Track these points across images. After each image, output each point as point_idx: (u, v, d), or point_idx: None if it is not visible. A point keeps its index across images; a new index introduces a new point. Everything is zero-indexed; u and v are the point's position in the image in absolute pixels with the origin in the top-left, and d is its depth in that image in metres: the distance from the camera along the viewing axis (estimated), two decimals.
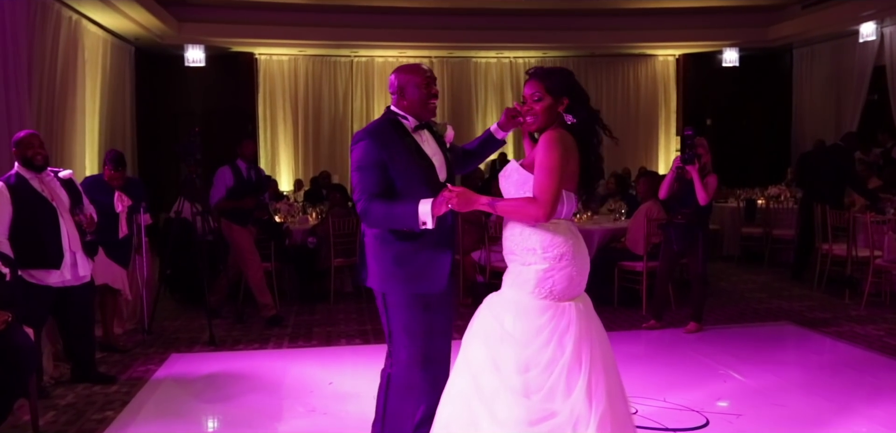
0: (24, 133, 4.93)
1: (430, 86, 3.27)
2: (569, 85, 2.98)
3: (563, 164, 2.82)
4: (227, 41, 12.71)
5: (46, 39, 8.52)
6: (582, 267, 2.91)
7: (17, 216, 4.62)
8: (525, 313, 2.81)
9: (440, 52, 14.06)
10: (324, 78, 13.87)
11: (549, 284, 2.82)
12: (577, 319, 2.81)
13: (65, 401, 4.78)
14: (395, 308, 3.24)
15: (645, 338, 6.28)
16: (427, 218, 3.02)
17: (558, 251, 2.84)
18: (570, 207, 2.94)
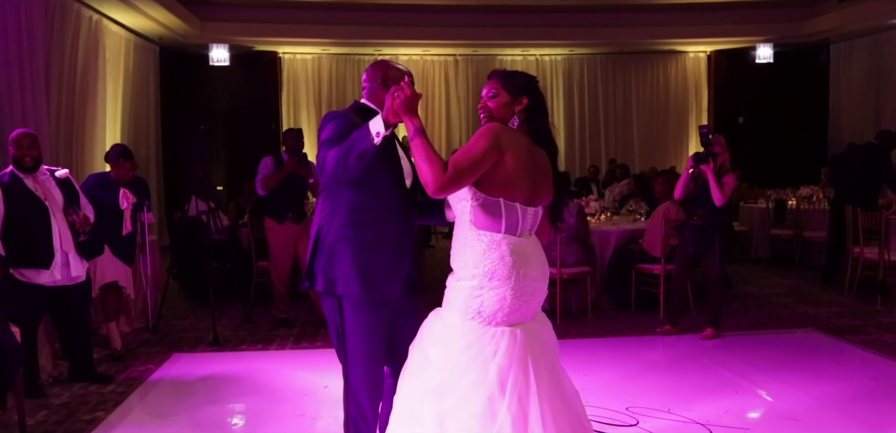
0: (16, 132, 4.92)
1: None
2: (531, 88, 2.77)
3: (486, 152, 2.55)
4: (250, 40, 12.74)
5: (65, 40, 8.58)
6: (523, 291, 2.58)
7: (9, 215, 4.61)
8: (449, 334, 2.59)
9: (464, 49, 13.93)
10: (347, 76, 13.83)
11: (477, 304, 2.57)
12: (508, 347, 2.51)
13: (59, 400, 4.75)
14: (353, 317, 3.01)
15: (658, 344, 6.04)
16: (379, 126, 2.78)
17: (489, 267, 2.57)
18: (515, 222, 2.63)
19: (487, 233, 2.61)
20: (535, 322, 2.68)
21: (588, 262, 7.05)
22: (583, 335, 6.37)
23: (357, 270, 2.97)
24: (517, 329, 2.56)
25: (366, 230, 2.98)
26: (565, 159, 14.24)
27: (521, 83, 2.77)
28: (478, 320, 2.56)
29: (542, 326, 2.72)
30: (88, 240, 4.91)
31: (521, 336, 2.56)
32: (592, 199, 8.16)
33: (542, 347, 2.64)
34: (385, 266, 3.00)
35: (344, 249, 2.99)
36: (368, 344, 3.03)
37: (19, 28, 7.26)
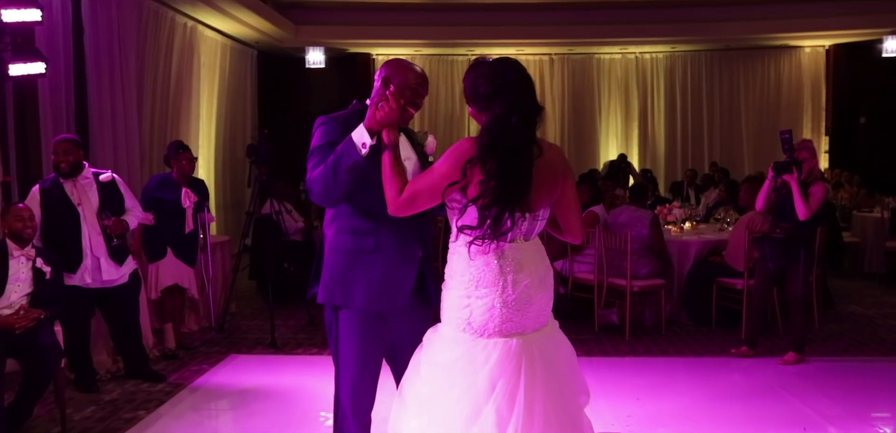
0: (57, 138, 5.11)
1: (418, 95, 2.88)
2: (476, 94, 2.48)
3: (445, 175, 2.42)
4: (344, 42, 12.91)
5: (159, 46, 8.97)
6: (513, 304, 2.42)
7: (44, 219, 4.79)
8: (439, 346, 2.48)
9: (560, 49, 13.53)
10: (440, 77, 13.77)
11: (466, 315, 2.44)
12: (499, 358, 2.37)
13: (109, 396, 4.91)
14: (348, 329, 2.85)
15: (730, 367, 5.54)
16: (364, 137, 2.62)
17: (476, 276, 2.43)
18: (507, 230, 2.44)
19: (475, 241, 2.43)
20: (538, 333, 2.48)
21: (663, 274, 6.61)
22: (651, 353, 5.96)
23: (352, 281, 2.83)
24: (513, 340, 2.40)
25: (363, 238, 2.83)
26: (665, 162, 13.58)
27: (471, 87, 2.51)
28: (469, 332, 2.43)
29: (550, 339, 2.52)
30: (122, 245, 4.98)
31: (516, 347, 2.40)
32: (676, 205, 7.65)
33: (544, 361, 2.44)
34: (384, 276, 2.82)
35: (339, 259, 2.85)
36: (360, 358, 2.86)
37: (111, 35, 7.61)
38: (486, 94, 2.44)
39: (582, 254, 6.79)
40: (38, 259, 4.40)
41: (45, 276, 4.38)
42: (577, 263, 6.82)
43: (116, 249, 4.95)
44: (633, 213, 6.58)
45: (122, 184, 5.20)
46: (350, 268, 2.83)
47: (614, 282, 6.44)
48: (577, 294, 6.86)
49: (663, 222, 7.53)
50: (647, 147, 13.61)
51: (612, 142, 13.68)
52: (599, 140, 13.70)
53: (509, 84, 2.45)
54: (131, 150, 7.81)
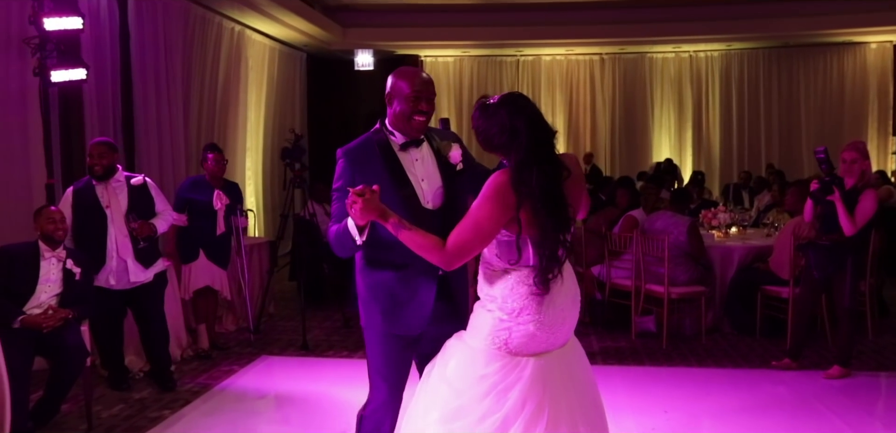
0: (92, 141, 5.22)
1: (419, 100, 2.82)
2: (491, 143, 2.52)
3: (493, 218, 2.43)
4: (392, 44, 12.96)
5: (206, 51, 9.15)
6: (549, 324, 2.46)
7: (75, 220, 4.91)
8: (471, 360, 2.49)
9: (611, 48, 13.28)
10: (489, 78, 13.68)
11: (505, 337, 2.47)
12: (530, 376, 2.43)
13: (139, 395, 5.01)
14: (372, 345, 2.92)
15: (769, 379, 5.29)
16: (354, 232, 2.62)
17: (518, 305, 2.46)
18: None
19: (513, 266, 2.48)
20: (565, 348, 2.54)
21: (703, 281, 6.38)
22: (687, 362, 5.75)
23: (376, 301, 2.87)
24: (543, 358, 2.46)
25: (384, 259, 2.83)
26: (720, 164, 13.18)
27: (484, 133, 2.53)
28: (504, 350, 2.47)
29: (574, 352, 2.59)
30: (149, 248, 5.02)
31: (547, 367, 2.46)
32: (721, 210, 7.37)
33: (570, 375, 2.52)
34: (402, 301, 2.83)
35: (365, 279, 2.90)
36: (388, 376, 2.90)
37: (156, 41, 7.80)
38: (503, 143, 2.48)
39: (620, 259, 6.61)
40: (69, 260, 4.52)
41: (75, 277, 4.50)
42: (614, 269, 6.65)
43: (143, 252, 5.01)
44: (671, 218, 6.37)
45: (153, 187, 5.27)
46: (371, 291, 2.87)
47: (651, 289, 6.25)
48: (614, 300, 6.69)
49: (707, 227, 7.29)
50: (701, 148, 13.23)
51: (664, 143, 13.35)
52: (651, 141, 13.39)
53: (527, 123, 2.46)
54: (177, 154, 7.99)
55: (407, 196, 2.82)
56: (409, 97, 2.81)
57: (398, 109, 2.84)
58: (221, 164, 6.05)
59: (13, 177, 5.79)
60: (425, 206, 2.83)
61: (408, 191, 2.84)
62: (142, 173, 5.43)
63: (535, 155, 2.42)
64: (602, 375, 5.39)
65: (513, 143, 2.44)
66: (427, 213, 2.82)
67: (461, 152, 2.95)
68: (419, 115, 2.83)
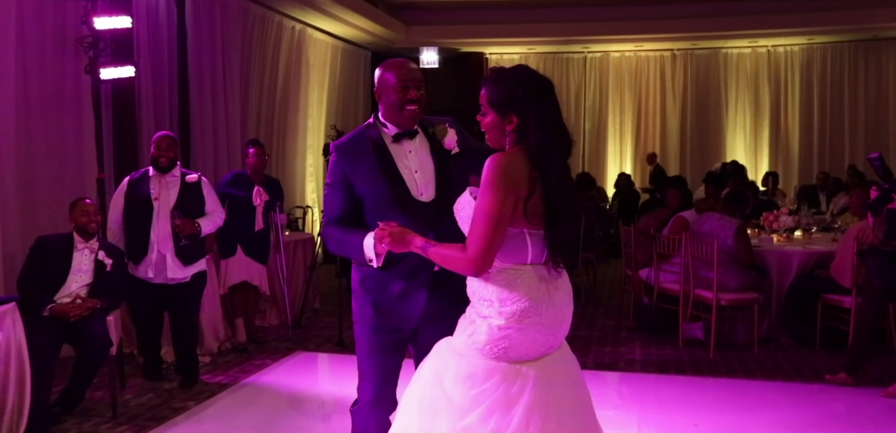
0: (158, 134, 5.33)
1: (408, 90, 2.75)
2: (513, 98, 2.30)
3: (503, 202, 2.22)
4: (456, 42, 12.89)
5: (266, 49, 9.33)
6: (549, 325, 2.29)
7: (125, 209, 5.05)
8: (470, 375, 2.28)
9: (682, 43, 12.80)
10: (555, 75, 13.38)
11: (505, 345, 2.26)
12: (533, 386, 2.24)
13: (170, 385, 5.10)
14: (360, 341, 2.86)
15: (827, 396, 4.90)
16: (371, 253, 2.63)
17: (517, 307, 2.26)
18: (541, 250, 2.31)
19: (512, 265, 2.30)
20: (561, 349, 2.40)
21: (756, 288, 6.00)
22: (734, 373, 5.42)
23: (366, 297, 2.82)
24: (543, 362, 2.31)
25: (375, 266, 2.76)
26: (799, 164, 12.50)
27: (507, 94, 2.31)
28: (504, 360, 2.27)
29: (566, 353, 2.43)
30: (190, 246, 5.05)
31: (547, 370, 2.31)
32: (783, 212, 6.93)
33: (567, 375, 2.38)
34: (393, 299, 2.77)
35: (356, 274, 2.86)
36: (372, 375, 2.84)
37: (213, 40, 8.00)
38: (524, 96, 2.28)
39: (668, 262, 6.31)
40: (101, 252, 4.65)
41: (106, 268, 4.62)
42: (663, 273, 6.35)
43: (184, 249, 5.03)
44: (719, 220, 6.03)
45: (207, 187, 5.27)
46: (363, 285, 2.82)
47: (700, 295, 5.93)
48: (662, 305, 6.39)
49: (768, 230, 6.88)
50: (778, 148, 12.58)
51: (738, 143, 12.77)
52: (725, 140, 12.84)
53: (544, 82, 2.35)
54: (232, 152, 8.16)
55: (398, 190, 2.77)
56: (396, 87, 2.76)
57: (388, 101, 2.80)
58: (262, 159, 6.09)
59: (67, 171, 6.03)
60: (418, 198, 2.77)
61: (399, 185, 2.78)
62: (198, 171, 5.51)
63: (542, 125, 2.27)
64: (637, 384, 5.22)
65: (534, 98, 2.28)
66: (421, 205, 2.77)
67: (456, 137, 2.87)
68: (410, 104, 2.77)
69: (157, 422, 4.43)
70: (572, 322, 2.41)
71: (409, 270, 2.73)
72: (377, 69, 2.87)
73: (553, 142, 2.28)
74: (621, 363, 5.67)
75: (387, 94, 2.79)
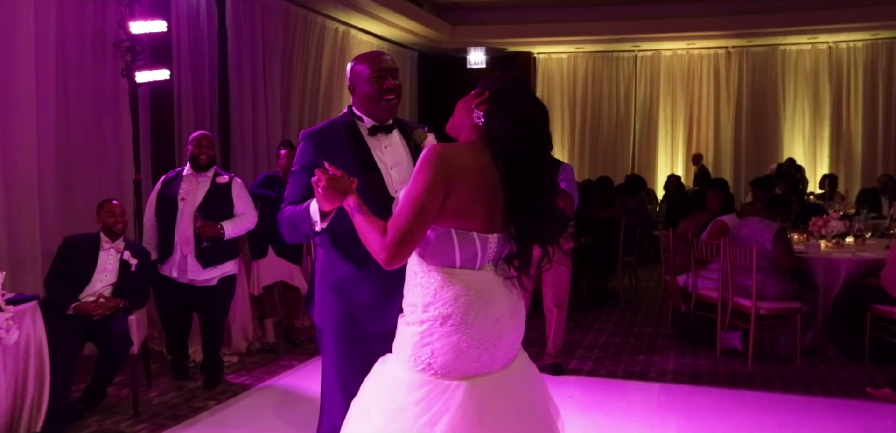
0: (197, 133, 5.38)
1: (383, 79, 2.70)
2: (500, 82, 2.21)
3: (429, 192, 2.06)
4: (503, 42, 12.77)
5: (309, 51, 9.41)
6: (479, 339, 2.10)
7: (157, 207, 5.14)
8: (392, 390, 2.15)
9: (737, 41, 12.38)
10: (604, 75, 13.19)
11: (427, 354, 2.11)
12: (460, 404, 2.05)
13: (194, 384, 5.16)
14: (329, 351, 2.75)
15: (867, 413, 4.62)
16: (316, 216, 2.48)
17: (442, 311, 2.10)
18: (473, 255, 2.13)
19: (441, 267, 2.14)
20: (506, 371, 2.18)
21: (800, 296, 5.71)
22: (772, 386, 5.16)
23: (334, 302, 2.72)
24: (477, 382, 2.10)
25: (345, 257, 2.70)
26: (862, 166, 11.94)
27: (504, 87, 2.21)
28: (429, 373, 2.11)
29: (519, 375, 2.21)
30: (211, 249, 5.02)
31: (481, 393, 2.09)
32: (834, 216, 6.59)
33: (511, 404, 2.15)
34: (367, 299, 2.66)
35: (325, 279, 2.76)
36: (343, 382, 2.71)
37: (254, 42, 8.10)
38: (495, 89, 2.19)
39: (707, 268, 6.07)
40: (126, 252, 4.72)
41: (130, 268, 4.70)
42: (701, 279, 6.11)
43: (204, 252, 5.02)
44: (758, 224, 5.76)
45: (239, 189, 5.21)
46: (330, 291, 2.73)
47: (739, 303, 5.68)
48: (700, 313, 6.15)
49: (816, 235, 6.56)
50: (839, 149, 12.04)
51: (796, 143, 12.27)
52: (782, 141, 12.37)
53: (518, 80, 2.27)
54: (272, 154, 8.21)
55: (373, 181, 2.69)
56: (371, 78, 2.71)
57: (364, 93, 2.74)
58: (292, 158, 6.10)
59: (106, 172, 6.19)
60: (393, 194, 2.68)
61: (374, 175, 2.70)
62: (232, 173, 5.50)
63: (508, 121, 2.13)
64: (664, 395, 5.02)
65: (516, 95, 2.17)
66: (394, 202, 2.65)
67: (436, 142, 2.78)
68: (387, 95, 2.72)
69: (176, 421, 4.48)
70: (609, 328, 2.24)
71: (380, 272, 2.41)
72: (349, 64, 2.82)
73: (518, 138, 2.12)
74: (653, 373, 5.48)
75: (361, 86, 2.74)
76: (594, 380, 5.31)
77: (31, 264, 5.41)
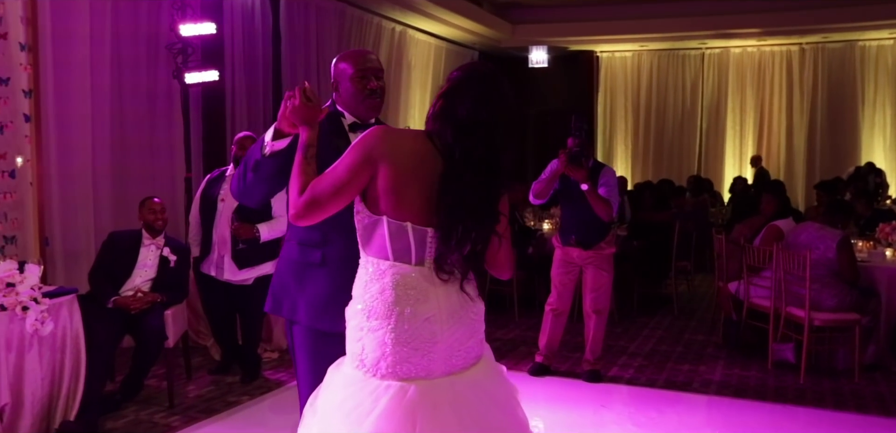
0: (241, 133, 5.49)
1: (367, 79, 2.63)
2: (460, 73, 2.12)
3: (352, 168, 2.04)
4: (564, 40, 12.56)
5: None
6: (412, 335, 2.01)
7: (200, 206, 5.26)
8: (331, 382, 2.12)
9: (812, 37, 11.82)
10: (669, 74, 12.81)
11: (359, 349, 2.04)
12: (387, 406, 1.97)
13: (232, 379, 5.25)
14: (300, 345, 2.66)
15: None
16: (268, 135, 2.43)
17: (368, 304, 2.05)
18: (406, 248, 2.05)
19: (374, 259, 2.08)
20: (455, 378, 2.07)
21: (859, 308, 5.38)
22: (822, 402, 4.87)
23: (301, 295, 2.65)
24: (411, 385, 2.00)
25: (311, 250, 2.63)
26: None
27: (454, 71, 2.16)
28: (362, 369, 2.06)
29: (472, 387, 2.08)
30: (247, 250, 5.06)
31: (413, 395, 1.99)
32: None
33: (456, 413, 2.03)
34: (328, 293, 2.57)
35: (286, 269, 2.70)
36: (313, 377, 2.62)
37: (308, 41, 8.23)
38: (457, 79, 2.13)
39: (759, 275, 5.79)
40: (166, 248, 4.86)
41: (169, 264, 4.83)
42: (753, 287, 5.84)
43: (240, 253, 5.08)
44: (818, 231, 5.45)
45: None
46: (296, 281, 2.65)
47: (792, 312, 5.40)
48: (752, 322, 5.88)
49: (884, 243, 6.16)
50: None
51: (876, 145, 11.62)
52: (860, 142, 11.73)
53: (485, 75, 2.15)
54: None
55: None
56: (354, 77, 2.63)
57: (347, 92, 2.67)
58: None
59: (159, 170, 6.40)
60: None
61: None
62: None
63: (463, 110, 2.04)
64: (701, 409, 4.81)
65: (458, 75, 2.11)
66: None
67: None
68: (372, 96, 2.65)
69: (209, 414, 4.57)
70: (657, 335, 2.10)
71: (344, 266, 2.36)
72: (334, 61, 2.76)
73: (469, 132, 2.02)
74: (696, 383, 5.26)
75: (344, 84, 2.67)
76: (631, 389, 5.14)
77: (86, 259, 5.61)
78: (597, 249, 5.16)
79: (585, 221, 5.10)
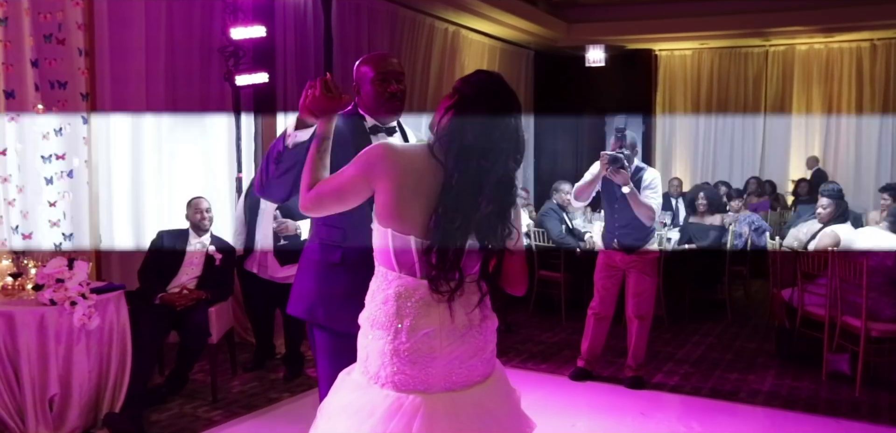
0: None
1: (387, 83, 2.65)
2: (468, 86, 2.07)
3: (353, 179, 2.08)
4: (621, 39, 12.32)
5: (417, 52, 9.51)
6: (410, 349, 2.00)
7: (245, 206, 5.39)
8: (340, 385, 2.15)
9: (885, 32, 11.28)
10: (730, 72, 12.44)
11: (364, 356, 2.08)
12: (386, 415, 1.97)
13: (274, 375, 5.36)
14: (320, 346, 2.68)
15: None
16: (289, 125, 2.44)
17: (373, 313, 2.07)
18: (410, 262, 2.04)
19: (383, 268, 2.10)
20: (457, 394, 2.05)
21: None
22: (877, 417, 4.67)
23: (320, 295, 2.67)
24: (410, 397, 2.00)
25: (331, 249, 2.66)
26: None
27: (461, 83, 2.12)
28: (366, 376, 2.08)
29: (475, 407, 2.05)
30: (288, 249, 5.17)
31: (411, 406, 1.99)
32: None
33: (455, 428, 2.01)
34: (346, 293, 2.54)
35: (310, 271, 2.72)
36: (333, 376, 2.71)
37: (359, 43, 8.30)
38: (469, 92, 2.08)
39: (814, 283, 5.57)
40: (211, 246, 4.99)
41: (215, 263, 4.96)
42: (808, 294, 5.62)
43: (281, 251, 5.22)
44: (877, 237, 5.20)
45: None
46: (316, 281, 2.67)
47: (848, 322, 5.17)
48: (805, 331, 5.66)
49: None
50: None
51: None
52: None
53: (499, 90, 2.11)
54: None
55: None
56: (375, 80, 2.65)
57: (369, 95, 2.68)
58: None
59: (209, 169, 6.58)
60: None
61: None
62: None
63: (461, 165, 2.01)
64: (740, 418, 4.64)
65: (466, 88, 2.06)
66: None
67: None
68: (392, 100, 2.67)
69: (250, 410, 4.68)
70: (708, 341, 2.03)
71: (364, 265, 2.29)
72: (356, 64, 2.77)
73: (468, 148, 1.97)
74: (743, 393, 5.09)
75: (365, 87, 2.69)
76: (674, 397, 5.02)
77: (139, 256, 5.82)
78: (640, 253, 5.06)
79: (627, 225, 5.02)
